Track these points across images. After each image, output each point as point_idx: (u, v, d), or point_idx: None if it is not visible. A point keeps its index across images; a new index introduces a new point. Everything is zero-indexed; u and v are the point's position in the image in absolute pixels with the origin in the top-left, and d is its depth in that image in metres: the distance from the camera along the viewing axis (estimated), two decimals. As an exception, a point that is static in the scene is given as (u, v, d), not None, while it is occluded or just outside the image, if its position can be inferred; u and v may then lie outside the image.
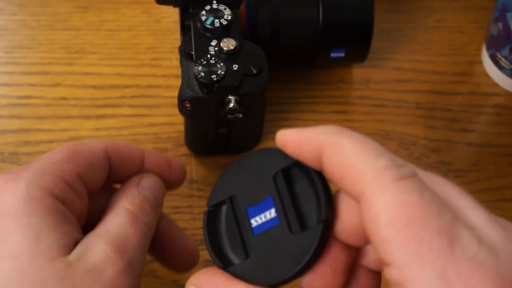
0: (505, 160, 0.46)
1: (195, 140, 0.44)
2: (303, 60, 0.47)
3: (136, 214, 0.30)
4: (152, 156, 0.34)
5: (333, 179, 0.24)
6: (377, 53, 0.51)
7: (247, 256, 0.26)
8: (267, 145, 0.46)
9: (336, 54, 0.46)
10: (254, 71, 0.39)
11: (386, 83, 0.50)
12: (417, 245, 0.21)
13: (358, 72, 0.51)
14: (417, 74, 0.51)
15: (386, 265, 0.22)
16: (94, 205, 0.32)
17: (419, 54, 0.52)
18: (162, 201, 0.33)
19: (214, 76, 0.38)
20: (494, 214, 0.23)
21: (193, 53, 0.39)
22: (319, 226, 0.24)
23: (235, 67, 0.39)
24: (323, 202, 0.25)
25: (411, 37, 0.53)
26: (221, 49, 0.39)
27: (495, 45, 0.49)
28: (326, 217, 0.24)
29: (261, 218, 0.26)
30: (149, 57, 0.51)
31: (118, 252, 0.28)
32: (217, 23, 0.40)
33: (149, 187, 0.33)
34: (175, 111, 0.41)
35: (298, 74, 0.50)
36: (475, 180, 0.45)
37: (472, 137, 0.47)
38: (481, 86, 0.50)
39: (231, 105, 0.39)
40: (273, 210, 0.26)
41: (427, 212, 0.21)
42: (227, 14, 0.40)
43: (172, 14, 0.53)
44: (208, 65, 0.38)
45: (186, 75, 0.40)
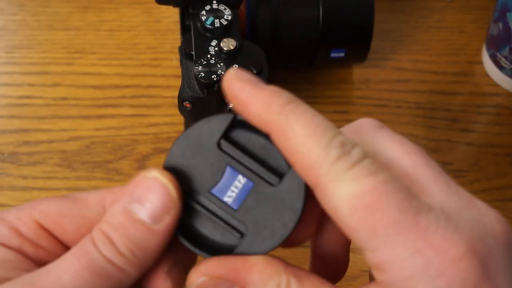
0: (505, 160, 0.46)
1: (195, 140, 0.44)
2: (303, 60, 0.47)
3: (91, 245, 0.23)
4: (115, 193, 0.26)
5: (287, 158, 0.23)
6: (377, 53, 0.51)
7: (242, 234, 0.24)
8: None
9: (336, 54, 0.46)
10: (254, 71, 0.39)
11: (386, 83, 0.50)
12: (383, 230, 0.21)
13: (358, 72, 0.51)
14: (417, 74, 0.51)
15: (360, 249, 0.22)
16: None
17: (419, 54, 0.52)
18: (164, 228, 0.24)
19: (214, 76, 0.38)
20: (453, 182, 0.24)
21: (193, 53, 0.39)
22: (305, 189, 0.24)
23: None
24: None
25: (411, 37, 0.53)
26: (221, 49, 0.39)
27: (495, 45, 0.49)
28: None
29: (233, 191, 0.25)
30: (149, 57, 0.51)
31: None
32: (217, 23, 0.40)
33: (142, 195, 0.25)
34: (175, 111, 0.41)
35: (298, 74, 0.50)
36: (475, 180, 0.45)
37: (472, 137, 0.47)
38: (481, 86, 0.50)
39: (231, 105, 0.39)
40: (240, 176, 0.25)
41: (383, 196, 0.21)
42: (227, 14, 0.40)
43: (172, 14, 0.53)
44: (208, 65, 0.38)
45: (186, 75, 0.40)
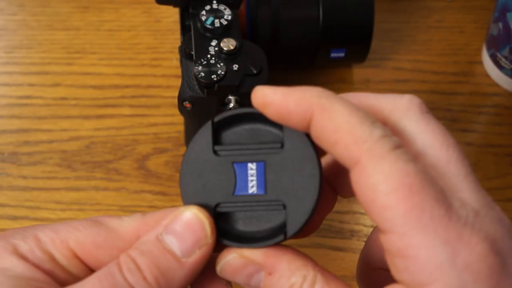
0: (505, 160, 0.46)
1: (195, 140, 0.44)
2: (303, 60, 0.47)
3: (116, 271, 0.24)
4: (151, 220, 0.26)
5: (324, 143, 0.23)
6: (377, 53, 0.51)
7: (283, 206, 0.24)
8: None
9: (336, 54, 0.46)
10: (254, 71, 0.39)
11: (386, 83, 0.50)
12: (419, 214, 0.21)
13: (358, 72, 0.51)
14: (417, 74, 0.51)
15: (383, 232, 0.22)
16: None
17: (419, 54, 0.52)
18: (199, 259, 0.24)
19: (214, 76, 0.38)
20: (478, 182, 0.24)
21: (193, 53, 0.39)
22: (306, 136, 0.24)
23: (235, 67, 0.39)
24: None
25: (411, 37, 0.53)
26: (221, 49, 0.39)
27: (495, 45, 0.49)
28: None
29: (252, 180, 0.25)
30: (149, 57, 0.51)
31: None
32: (217, 23, 0.40)
33: (177, 229, 0.25)
34: (175, 111, 0.41)
35: (298, 74, 0.50)
36: (475, 180, 0.45)
37: (472, 137, 0.47)
38: (481, 86, 0.50)
39: (231, 105, 0.39)
40: (249, 164, 0.25)
41: (424, 182, 0.22)
42: (227, 14, 0.40)
43: (172, 14, 0.53)
44: (208, 65, 0.38)
45: (186, 75, 0.40)
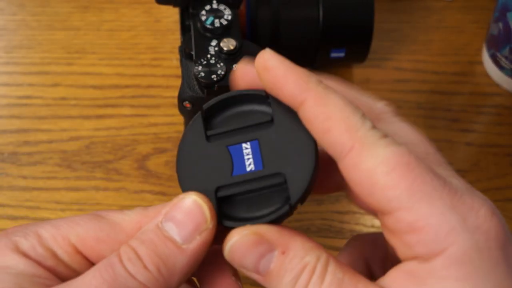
0: (505, 160, 0.46)
1: (195, 140, 0.44)
2: (303, 60, 0.47)
3: (118, 263, 0.24)
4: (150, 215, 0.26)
5: (313, 129, 0.24)
6: (377, 53, 0.51)
7: (284, 178, 0.25)
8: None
9: (336, 54, 0.46)
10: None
11: (386, 83, 0.50)
12: (422, 185, 0.22)
13: (358, 72, 0.50)
14: (417, 74, 0.51)
15: (390, 213, 0.23)
16: None
17: (419, 54, 0.52)
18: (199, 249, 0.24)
19: (214, 76, 0.38)
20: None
21: (193, 53, 0.39)
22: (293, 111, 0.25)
23: (235, 67, 0.39)
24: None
25: (411, 37, 0.53)
26: (221, 49, 0.39)
27: (496, 45, 0.49)
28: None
29: (248, 159, 0.25)
30: (149, 57, 0.51)
31: None
32: (217, 23, 0.40)
33: (177, 216, 0.25)
34: (175, 111, 0.41)
35: (298, 74, 0.50)
36: (476, 180, 0.45)
37: (472, 137, 0.47)
38: (481, 86, 0.50)
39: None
40: (243, 144, 0.26)
41: (418, 160, 0.23)
42: (227, 14, 0.40)
43: (172, 14, 0.53)
44: (208, 65, 0.38)
45: (186, 75, 0.40)
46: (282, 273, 0.23)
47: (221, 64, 0.38)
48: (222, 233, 0.25)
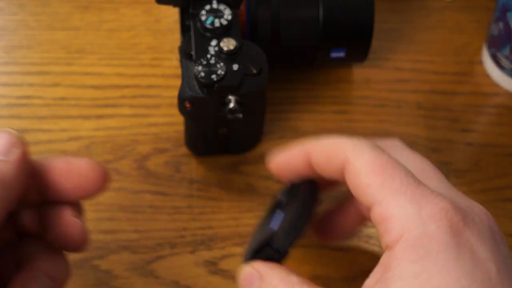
0: (505, 160, 0.46)
1: (195, 140, 0.44)
2: (303, 60, 0.47)
3: None
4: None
5: (324, 172, 0.33)
6: (377, 53, 0.51)
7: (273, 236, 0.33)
8: (267, 145, 0.46)
9: (336, 54, 0.46)
10: (254, 71, 0.39)
11: (386, 83, 0.50)
12: (391, 182, 0.28)
13: (358, 72, 0.50)
14: (417, 74, 0.51)
15: (370, 208, 0.29)
16: None
17: (419, 54, 0.52)
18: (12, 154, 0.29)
19: (214, 76, 0.38)
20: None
21: (193, 53, 0.39)
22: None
23: (235, 67, 0.39)
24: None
25: (411, 37, 0.53)
26: (221, 49, 0.39)
27: (496, 45, 0.49)
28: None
29: (275, 221, 0.34)
30: (149, 57, 0.51)
31: None
32: (217, 23, 0.40)
33: None
34: (175, 111, 0.41)
35: (298, 74, 0.50)
36: (476, 180, 0.45)
37: (472, 137, 0.47)
38: (481, 86, 0.50)
39: (231, 105, 0.39)
40: (277, 214, 0.34)
41: (396, 164, 0.29)
42: (227, 14, 0.40)
43: (172, 14, 0.53)
44: (208, 65, 0.38)
45: (186, 75, 0.40)
46: None
47: (221, 64, 0.38)
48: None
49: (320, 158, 0.31)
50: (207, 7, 0.40)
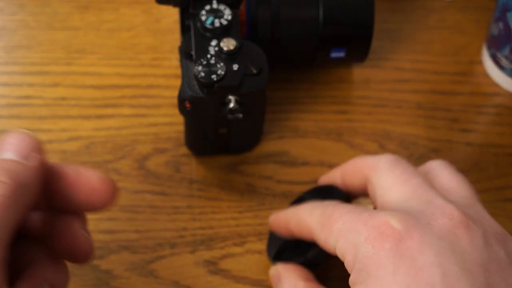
0: (505, 160, 0.46)
1: (195, 140, 0.44)
2: (303, 60, 0.47)
3: None
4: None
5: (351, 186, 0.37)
6: (377, 53, 0.51)
7: (311, 246, 0.35)
8: (267, 145, 0.46)
9: (336, 54, 0.46)
10: (254, 71, 0.39)
11: (386, 83, 0.50)
12: (334, 227, 0.30)
13: (358, 72, 0.50)
14: (417, 74, 0.51)
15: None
16: None
17: (419, 54, 0.52)
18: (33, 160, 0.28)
19: (214, 76, 0.38)
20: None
21: (193, 53, 0.39)
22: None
23: (235, 67, 0.39)
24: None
25: (411, 37, 0.53)
26: (221, 49, 0.39)
27: (496, 45, 0.49)
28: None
29: None
30: (149, 57, 0.51)
31: None
32: (217, 23, 0.40)
33: (10, 143, 0.28)
34: (175, 111, 0.41)
35: (298, 74, 0.50)
36: (476, 180, 0.45)
37: (472, 137, 0.47)
38: (481, 86, 0.50)
39: (231, 105, 0.39)
40: None
41: (333, 211, 0.31)
42: (227, 14, 0.40)
43: (172, 14, 0.53)
44: (208, 65, 0.38)
45: (186, 75, 0.40)
46: None
47: (221, 64, 0.38)
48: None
49: (348, 178, 0.36)
50: (207, 7, 0.40)
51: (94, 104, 0.48)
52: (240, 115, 0.40)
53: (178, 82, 0.40)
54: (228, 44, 0.39)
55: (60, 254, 0.30)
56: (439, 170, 0.34)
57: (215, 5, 0.41)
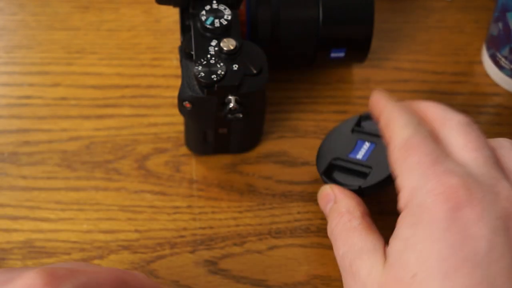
0: (505, 160, 0.46)
1: (195, 140, 0.44)
2: (303, 60, 0.47)
3: None
4: None
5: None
6: (377, 53, 0.51)
7: (370, 168, 0.38)
8: (267, 145, 0.46)
9: (336, 54, 0.46)
10: (254, 71, 0.39)
11: (386, 83, 0.50)
12: (411, 159, 0.31)
13: (358, 72, 0.51)
14: (417, 74, 0.51)
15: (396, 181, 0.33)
16: None
17: (419, 54, 0.52)
18: None
19: (214, 76, 0.38)
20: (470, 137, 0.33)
21: (193, 53, 0.39)
22: None
23: (235, 67, 0.39)
24: None
25: (411, 37, 0.53)
26: (221, 49, 0.39)
27: (495, 45, 0.49)
28: None
29: (362, 152, 0.40)
30: (149, 57, 0.51)
31: None
32: (217, 23, 0.40)
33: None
34: (175, 111, 0.41)
35: (298, 74, 0.50)
36: (475, 180, 0.45)
37: (472, 137, 0.47)
38: (481, 86, 0.50)
39: (231, 105, 0.39)
40: (366, 143, 0.40)
41: (423, 145, 0.32)
42: (227, 14, 0.40)
43: (172, 14, 0.53)
44: (208, 65, 0.38)
45: (186, 75, 0.40)
46: (331, 214, 0.37)
47: (221, 64, 0.38)
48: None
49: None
50: (207, 7, 0.40)
51: (94, 104, 0.48)
52: (240, 115, 0.40)
53: (178, 82, 0.40)
54: (228, 44, 0.39)
55: None
56: (508, 150, 0.34)
57: (215, 5, 0.41)
